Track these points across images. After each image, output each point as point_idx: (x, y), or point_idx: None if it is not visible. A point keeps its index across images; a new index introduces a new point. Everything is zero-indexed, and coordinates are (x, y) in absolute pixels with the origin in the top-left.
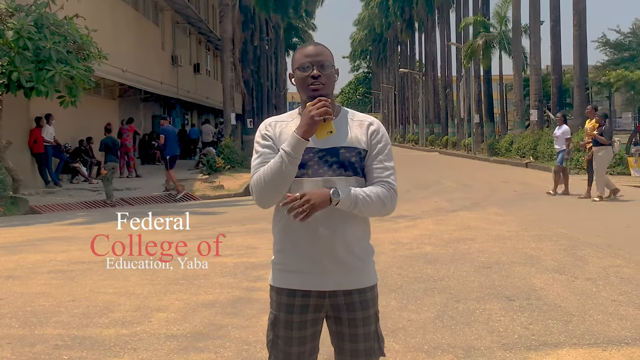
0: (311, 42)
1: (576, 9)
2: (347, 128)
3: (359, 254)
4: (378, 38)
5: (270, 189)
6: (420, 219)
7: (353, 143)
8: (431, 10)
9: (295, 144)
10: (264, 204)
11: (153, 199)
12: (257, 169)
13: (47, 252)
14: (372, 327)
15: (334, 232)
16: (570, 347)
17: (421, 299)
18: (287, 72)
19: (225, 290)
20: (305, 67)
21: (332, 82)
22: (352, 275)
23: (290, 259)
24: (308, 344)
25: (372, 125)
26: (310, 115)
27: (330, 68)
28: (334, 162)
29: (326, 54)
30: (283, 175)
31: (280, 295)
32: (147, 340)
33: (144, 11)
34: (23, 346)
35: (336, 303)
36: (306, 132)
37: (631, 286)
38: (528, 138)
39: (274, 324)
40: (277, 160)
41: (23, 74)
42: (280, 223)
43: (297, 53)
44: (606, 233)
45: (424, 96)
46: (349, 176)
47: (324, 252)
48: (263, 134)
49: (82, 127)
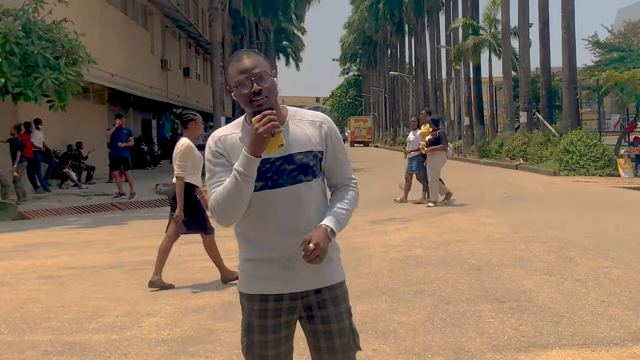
0: (244, 53)
1: (565, 11)
2: (298, 131)
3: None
4: (368, 41)
5: (229, 208)
6: (411, 222)
7: (308, 146)
8: (421, 13)
9: (247, 163)
10: (225, 222)
11: (143, 204)
12: (213, 190)
13: (36, 258)
14: (346, 323)
15: (297, 235)
16: (559, 348)
17: (412, 302)
18: (278, 75)
19: (215, 295)
20: (244, 84)
21: (275, 91)
22: (320, 274)
23: (258, 266)
24: (283, 346)
25: (324, 124)
26: (258, 132)
27: (269, 78)
28: (292, 169)
29: (261, 64)
30: (239, 194)
31: (251, 302)
32: (138, 345)
33: (133, 15)
34: (12, 352)
35: (308, 303)
36: (256, 149)
37: (620, 287)
38: (518, 140)
39: (248, 330)
40: (232, 181)
41: (10, 79)
42: (245, 234)
43: (231, 68)
44: (595, 234)
45: (414, 99)
46: (309, 181)
47: (292, 256)
48: (214, 152)
49: (71, 132)
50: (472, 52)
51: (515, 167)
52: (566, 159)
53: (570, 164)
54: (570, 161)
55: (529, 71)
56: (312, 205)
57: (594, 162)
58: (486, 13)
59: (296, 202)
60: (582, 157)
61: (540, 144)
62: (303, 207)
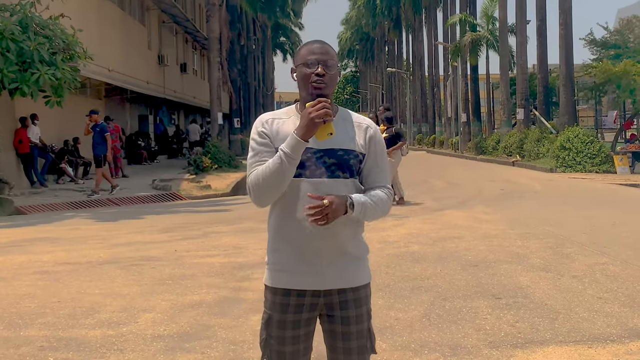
0: (317, 40)
1: (562, 8)
2: (344, 129)
3: (353, 253)
4: (365, 37)
5: (268, 188)
6: (408, 218)
7: (351, 145)
8: (418, 9)
9: (294, 145)
10: (261, 203)
11: (139, 199)
12: (255, 168)
13: (32, 253)
14: (365, 325)
15: (328, 231)
16: (556, 345)
17: (408, 298)
18: (275, 71)
19: (212, 291)
20: (310, 63)
21: (335, 83)
22: (346, 274)
23: (284, 258)
24: (301, 344)
25: (370, 128)
26: (311, 117)
27: (334, 68)
28: (332, 163)
29: (332, 53)
30: (282, 175)
31: (275, 295)
32: (134, 341)
33: (130, 10)
34: (8, 348)
35: (330, 302)
36: (306, 133)
37: (616, 284)
38: (515, 137)
39: (268, 324)
40: (276, 161)
41: (7, 75)
42: (275, 222)
43: (302, 49)
44: (592, 231)
45: (411, 95)
46: (346, 178)
47: (319, 251)
48: (260, 132)
49: (68, 127)
50: (470, 50)
51: (512, 163)
52: (563, 155)
53: (567, 161)
54: (567, 158)
55: (526, 68)
56: None
57: (591, 158)
58: (484, 10)
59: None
60: (578, 154)
61: (537, 140)
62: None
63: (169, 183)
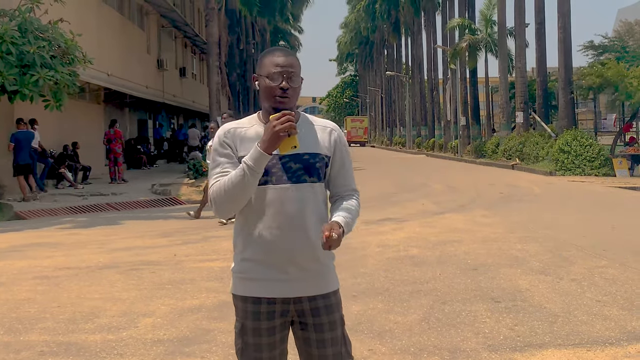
0: (281, 49)
1: (561, 12)
2: (309, 133)
3: (322, 260)
4: (364, 41)
5: (231, 200)
6: (407, 222)
7: (317, 149)
8: (417, 13)
9: (257, 158)
10: (223, 214)
11: (139, 204)
12: (217, 179)
13: (32, 258)
14: (339, 332)
15: (297, 240)
16: (555, 348)
17: (407, 301)
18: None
19: (211, 295)
20: (274, 77)
21: (298, 95)
22: (315, 281)
23: (253, 267)
24: (277, 349)
25: (334, 131)
26: (275, 130)
27: (298, 80)
28: (298, 168)
29: (296, 65)
30: (244, 188)
31: (245, 304)
32: (134, 346)
33: (129, 15)
34: (8, 353)
35: (301, 308)
36: (269, 146)
37: (615, 287)
38: (514, 140)
39: (242, 332)
40: (239, 173)
41: (7, 78)
42: (242, 231)
43: (265, 59)
44: (591, 234)
45: (410, 99)
46: (313, 182)
47: (288, 259)
48: (222, 142)
49: (67, 132)
50: (469, 53)
51: (511, 167)
52: (562, 158)
53: (566, 164)
54: (566, 161)
55: (525, 71)
56: (312, 208)
57: (590, 162)
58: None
59: (297, 201)
60: (577, 157)
61: (536, 143)
62: (303, 208)
63: (169, 187)
